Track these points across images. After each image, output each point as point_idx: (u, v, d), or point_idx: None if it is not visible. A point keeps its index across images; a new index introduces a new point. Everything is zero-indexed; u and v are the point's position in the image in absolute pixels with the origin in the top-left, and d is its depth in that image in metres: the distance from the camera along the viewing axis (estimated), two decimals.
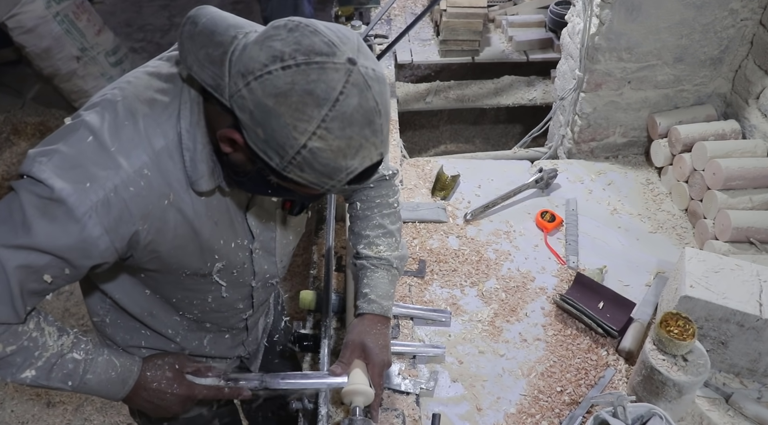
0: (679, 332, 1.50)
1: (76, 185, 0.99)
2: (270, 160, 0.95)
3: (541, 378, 1.70)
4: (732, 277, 1.67)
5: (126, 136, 1.03)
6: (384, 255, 1.48)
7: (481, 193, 2.28)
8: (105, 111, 1.04)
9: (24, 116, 4.26)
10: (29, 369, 1.13)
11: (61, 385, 1.18)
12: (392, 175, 1.53)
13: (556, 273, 2.00)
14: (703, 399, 1.65)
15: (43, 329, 1.15)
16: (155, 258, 1.15)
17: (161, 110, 1.05)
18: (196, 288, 1.29)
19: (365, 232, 1.51)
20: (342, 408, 1.51)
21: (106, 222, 1.02)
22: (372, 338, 1.42)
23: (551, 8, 3.35)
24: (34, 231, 0.99)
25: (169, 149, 1.06)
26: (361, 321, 1.44)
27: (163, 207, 1.08)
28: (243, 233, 1.26)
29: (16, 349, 1.10)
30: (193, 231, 1.15)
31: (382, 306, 1.45)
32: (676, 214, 2.25)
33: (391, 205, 1.53)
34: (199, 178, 1.08)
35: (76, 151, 1.00)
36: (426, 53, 3.37)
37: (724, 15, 2.17)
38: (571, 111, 2.46)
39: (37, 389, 2.87)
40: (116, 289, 1.26)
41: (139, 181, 1.03)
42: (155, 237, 1.10)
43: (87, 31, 3.94)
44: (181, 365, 1.34)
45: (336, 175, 0.96)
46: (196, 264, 1.21)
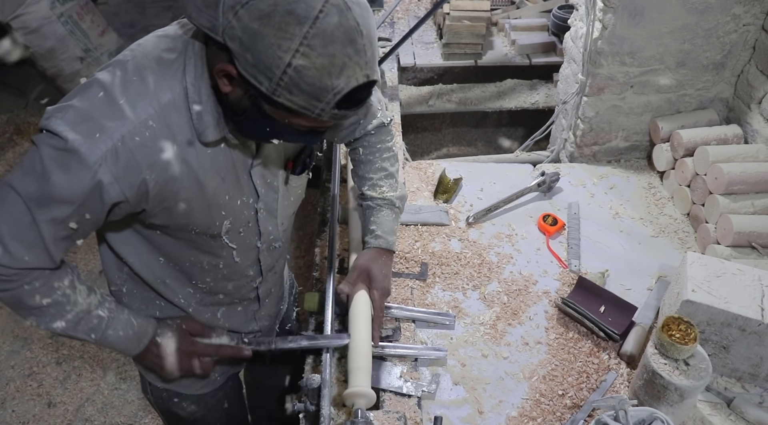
0: (680, 336, 1.50)
1: (87, 136, 1.07)
2: (260, 85, 1.01)
3: (543, 381, 1.70)
4: (734, 282, 1.67)
5: (134, 90, 1.11)
6: (387, 195, 1.65)
7: (483, 196, 2.28)
8: (116, 69, 1.13)
9: (27, 116, 4.28)
10: (60, 321, 1.27)
11: (85, 337, 1.31)
12: (389, 121, 1.66)
13: (558, 277, 2.00)
14: (705, 403, 1.65)
15: (75, 287, 1.28)
16: (165, 210, 1.23)
17: (167, 66, 1.13)
18: (207, 250, 1.37)
19: (369, 175, 1.66)
20: (344, 410, 1.51)
21: (115, 170, 1.10)
22: (377, 266, 1.59)
23: (554, 12, 3.35)
24: (52, 182, 1.09)
25: (176, 102, 1.13)
26: (369, 251, 1.62)
27: (169, 157, 1.16)
28: (249, 191, 1.33)
29: (51, 302, 1.24)
30: (198, 184, 1.22)
31: (388, 241, 1.63)
32: (678, 218, 2.26)
33: (390, 149, 1.67)
34: (206, 129, 1.16)
35: (87, 105, 1.09)
36: (429, 56, 3.38)
37: (727, 20, 2.17)
38: (573, 115, 2.47)
39: (38, 391, 2.88)
40: (132, 255, 1.36)
41: (144, 131, 1.11)
42: (163, 187, 1.18)
43: (91, 32, 3.95)
44: (188, 325, 1.46)
45: (323, 96, 1.01)
46: (204, 222, 1.29)
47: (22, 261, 1.16)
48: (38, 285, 1.21)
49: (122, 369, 2.97)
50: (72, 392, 2.88)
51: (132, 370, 2.96)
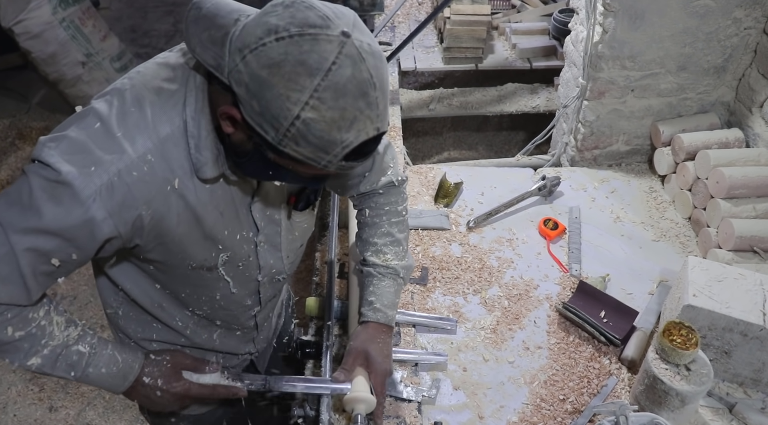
0: (682, 341, 1.49)
1: (82, 169, 1.02)
2: (266, 134, 0.97)
3: (544, 386, 1.70)
4: (735, 286, 1.66)
5: (132, 122, 1.06)
6: (391, 264, 1.49)
7: (483, 201, 2.28)
8: (113, 98, 1.07)
9: (29, 121, 4.28)
10: (35, 357, 1.16)
11: (65, 374, 1.21)
12: (401, 181, 1.53)
13: (558, 281, 1.99)
14: (707, 409, 1.64)
15: (52, 319, 1.18)
16: (160, 245, 1.17)
17: (167, 98, 1.08)
18: (204, 283, 1.30)
19: (373, 239, 1.52)
20: (344, 415, 1.50)
21: (110, 205, 1.05)
22: (375, 347, 1.44)
23: (555, 16, 3.35)
24: (41, 213, 1.03)
25: (175, 136, 1.08)
26: (365, 329, 1.46)
27: (166, 193, 1.10)
28: (248, 225, 1.27)
29: (24, 335, 1.13)
30: (196, 219, 1.16)
31: (387, 316, 1.47)
32: (680, 223, 2.25)
33: (400, 213, 1.53)
34: (203, 165, 1.10)
35: (83, 136, 1.04)
36: (430, 60, 3.38)
37: (728, 24, 2.17)
38: (574, 119, 2.46)
39: (40, 395, 2.87)
40: (127, 281, 1.29)
41: (143, 166, 1.06)
42: (159, 223, 1.12)
43: (92, 37, 3.96)
44: (178, 362, 1.35)
45: (331, 149, 0.97)
46: (201, 255, 1.23)
47: None
48: (10, 317, 1.11)
49: None
50: (73, 396, 2.87)
51: None
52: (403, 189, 1.55)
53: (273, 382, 1.42)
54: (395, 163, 1.53)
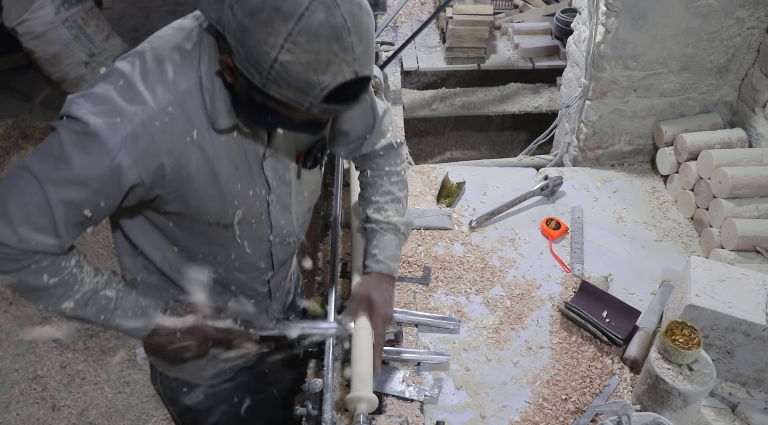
0: (684, 341, 1.49)
1: (108, 120, 1.11)
2: (252, 78, 1.06)
3: (546, 386, 1.70)
4: (738, 286, 1.66)
5: (153, 78, 1.16)
6: (392, 220, 1.61)
7: (486, 200, 2.28)
8: (135, 59, 1.18)
9: (32, 121, 4.29)
10: (68, 301, 1.26)
11: (94, 318, 1.31)
12: (399, 144, 1.65)
13: (561, 281, 1.99)
14: (709, 409, 1.64)
15: (82, 267, 1.28)
16: (180, 197, 1.26)
17: (184, 56, 1.18)
18: (220, 242, 1.39)
19: (375, 198, 1.63)
20: (346, 414, 1.51)
21: (135, 154, 1.13)
22: (378, 293, 1.55)
23: (557, 16, 3.35)
24: (72, 164, 1.11)
25: (192, 91, 1.18)
26: (369, 277, 1.58)
27: (186, 143, 1.20)
28: (261, 183, 1.36)
29: (58, 282, 1.23)
30: (212, 172, 1.26)
31: (389, 267, 1.59)
32: (682, 222, 2.25)
33: (399, 173, 1.65)
34: (218, 116, 1.20)
35: (109, 91, 1.13)
36: (432, 60, 3.38)
37: (731, 23, 2.17)
38: (576, 118, 2.46)
39: (42, 394, 2.88)
40: (147, 243, 1.38)
41: (164, 117, 1.15)
42: (179, 173, 1.21)
43: (95, 37, 3.97)
44: (196, 308, 1.44)
45: (310, 91, 1.04)
46: (216, 210, 1.32)
47: (29, 244, 1.16)
48: (45, 265, 1.20)
49: (126, 373, 2.97)
50: (76, 396, 2.88)
51: (135, 374, 2.96)
52: (401, 151, 1.67)
53: (282, 326, 1.52)
54: (393, 127, 1.65)
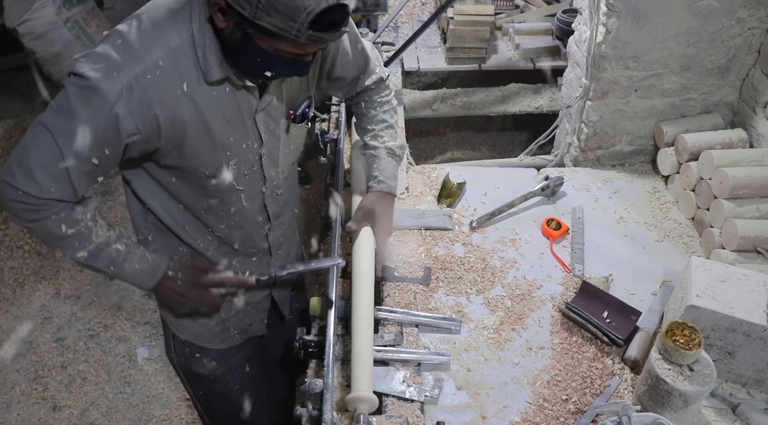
0: (685, 341, 1.49)
1: (106, 74, 1.25)
2: (243, 10, 1.17)
3: (547, 386, 1.70)
4: (739, 287, 1.66)
5: (147, 36, 1.28)
6: (388, 144, 1.81)
7: (486, 201, 2.28)
8: (133, 20, 1.31)
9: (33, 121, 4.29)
10: (83, 251, 1.42)
11: (105, 268, 1.47)
12: (387, 76, 1.83)
13: (561, 282, 1.99)
14: (710, 409, 1.64)
15: (96, 221, 1.44)
16: (176, 148, 1.38)
17: (176, 15, 1.30)
18: (219, 195, 1.52)
19: (370, 126, 1.82)
20: (346, 414, 1.51)
21: (130, 104, 1.26)
22: (380, 207, 1.76)
23: (558, 16, 3.35)
24: (77, 115, 1.26)
25: (184, 47, 1.30)
26: (372, 194, 1.79)
27: (177, 95, 1.31)
28: (253, 136, 1.49)
29: (74, 232, 1.39)
30: (205, 124, 1.37)
31: (389, 186, 1.80)
32: (683, 223, 2.25)
33: (389, 102, 1.84)
34: (210, 68, 1.32)
35: (108, 50, 1.27)
36: (433, 60, 3.38)
37: (732, 24, 2.16)
38: (577, 119, 2.46)
39: (43, 394, 2.88)
40: (154, 201, 1.53)
41: (155, 70, 1.27)
42: (173, 124, 1.33)
43: (97, 37, 3.96)
44: (197, 261, 1.61)
45: (297, 16, 1.16)
46: (211, 162, 1.43)
47: (48, 192, 1.31)
48: (63, 216, 1.36)
49: (127, 374, 2.97)
50: (77, 396, 2.89)
51: (136, 374, 2.97)
52: (389, 82, 1.85)
53: (279, 271, 1.68)
54: (380, 62, 1.82)
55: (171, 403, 2.88)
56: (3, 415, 2.81)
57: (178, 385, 2.92)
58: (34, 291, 3.29)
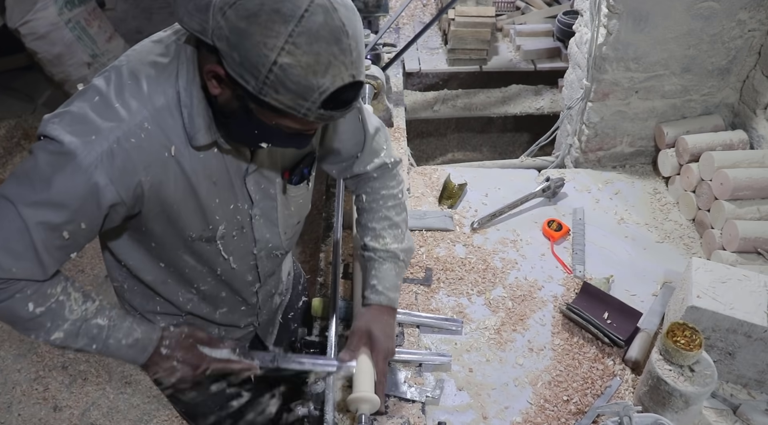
0: (685, 342, 1.49)
1: (83, 138, 1.08)
2: (247, 84, 1.02)
3: (548, 387, 1.70)
4: (739, 288, 1.66)
5: (129, 94, 1.12)
6: (391, 247, 1.53)
7: (488, 202, 2.29)
8: (111, 74, 1.15)
9: (35, 121, 4.30)
10: (57, 331, 1.23)
11: (87, 348, 1.27)
12: (395, 163, 1.58)
13: (562, 282, 2.00)
14: (711, 410, 1.64)
15: (69, 294, 1.24)
16: (161, 213, 1.23)
17: (161, 71, 1.15)
18: (205, 258, 1.37)
19: (371, 224, 1.56)
20: (348, 415, 1.51)
21: (111, 172, 1.11)
22: (378, 327, 1.48)
23: (559, 18, 3.36)
24: (49, 185, 1.09)
25: (169, 106, 1.15)
26: (369, 310, 1.51)
27: (164, 159, 1.17)
28: (242, 197, 1.33)
29: (44, 310, 1.20)
30: (191, 188, 1.23)
31: (389, 298, 1.52)
32: (684, 224, 2.25)
33: (396, 197, 1.57)
34: (197, 132, 1.17)
35: (84, 109, 1.11)
36: (434, 62, 3.38)
37: (732, 26, 2.17)
38: (578, 120, 2.47)
39: (44, 395, 2.89)
40: (132, 259, 1.36)
41: (140, 133, 1.12)
42: (158, 189, 1.19)
43: (98, 38, 3.98)
44: (194, 335, 1.40)
45: (309, 94, 1.01)
46: (198, 225, 1.29)
47: (9, 271, 1.13)
48: (30, 293, 1.18)
49: (128, 374, 2.97)
50: (78, 396, 2.89)
51: (137, 374, 2.96)
52: (398, 171, 1.59)
53: (281, 360, 1.47)
54: (388, 145, 1.57)
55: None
56: (4, 415, 2.81)
57: None
58: None
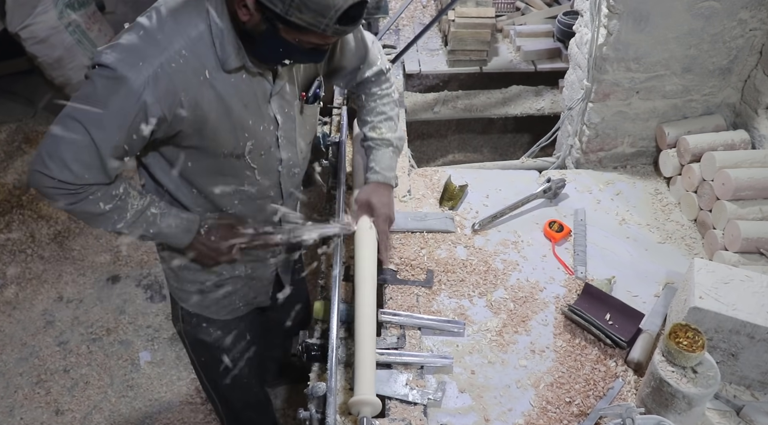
0: (688, 343, 1.49)
1: (132, 65, 1.32)
2: (275, 7, 1.26)
3: (550, 389, 1.69)
4: (742, 288, 1.66)
5: (168, 28, 1.37)
6: (386, 136, 1.84)
7: (489, 203, 2.28)
8: (152, 13, 1.39)
9: (35, 125, 4.31)
10: (122, 222, 1.53)
11: (144, 232, 1.57)
12: (388, 69, 1.88)
13: (564, 284, 1.99)
14: (714, 411, 1.63)
15: (129, 192, 1.53)
16: (197, 132, 1.46)
17: (194, 7, 1.39)
18: (234, 173, 1.61)
19: (369, 118, 1.86)
20: (349, 417, 1.51)
21: (157, 92, 1.34)
22: (377, 196, 1.79)
23: (559, 18, 3.35)
24: (107, 106, 1.33)
25: (202, 37, 1.38)
26: (369, 186, 1.82)
27: (200, 81, 1.40)
28: (269, 120, 1.58)
29: (112, 207, 1.49)
30: (225, 108, 1.46)
31: (386, 176, 1.83)
32: (685, 225, 2.24)
33: (390, 95, 1.88)
34: (228, 57, 1.41)
35: (131, 41, 1.35)
36: (434, 63, 3.38)
37: (733, 25, 2.16)
38: (579, 121, 2.46)
39: (46, 398, 2.89)
40: (170, 183, 1.62)
41: (179, 59, 1.36)
42: (195, 109, 1.42)
43: (98, 41, 3.97)
44: (228, 220, 1.71)
45: (327, 12, 1.26)
46: (230, 142, 1.53)
47: (83, 178, 1.40)
48: (100, 195, 1.46)
49: (129, 377, 2.97)
50: (79, 400, 2.89)
51: (139, 378, 2.96)
52: (390, 75, 1.89)
53: (294, 231, 1.77)
54: (382, 55, 1.87)
55: (174, 407, 2.87)
56: (6, 419, 2.81)
57: (181, 389, 2.92)
58: (36, 295, 3.30)
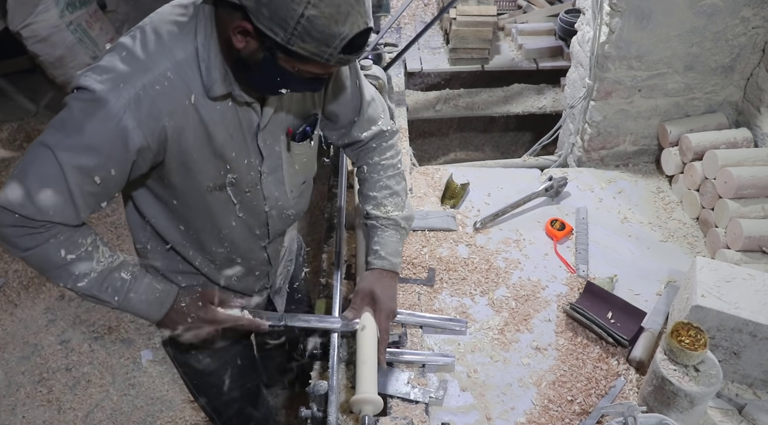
0: (690, 342, 1.48)
1: (113, 86, 1.21)
2: (276, 36, 1.14)
3: (552, 387, 1.69)
4: (744, 287, 1.65)
5: (152, 48, 1.25)
6: (392, 215, 1.64)
7: (490, 202, 2.28)
8: (137, 32, 1.28)
9: (37, 124, 4.31)
10: (84, 280, 1.34)
11: (109, 299, 1.39)
12: (392, 132, 1.68)
13: (566, 282, 1.99)
14: (716, 410, 1.63)
15: (98, 246, 1.36)
16: (181, 164, 1.34)
17: (181, 28, 1.27)
18: (218, 210, 1.46)
19: (372, 194, 1.66)
20: (351, 416, 1.50)
21: (138, 116, 1.22)
22: (381, 288, 1.58)
23: (561, 16, 3.35)
24: (82, 130, 1.21)
25: (188, 60, 1.27)
26: (372, 274, 1.61)
27: (185, 106, 1.28)
28: (254, 153, 1.44)
29: (74, 258, 1.32)
30: (208, 136, 1.34)
31: (391, 262, 1.62)
32: (687, 223, 2.24)
33: (395, 166, 1.68)
34: (213, 84, 1.29)
35: (113, 62, 1.24)
36: (436, 61, 3.38)
37: (735, 23, 2.16)
38: (581, 119, 2.46)
39: (48, 397, 2.89)
40: (155, 216, 1.47)
41: (164, 81, 1.24)
42: (179, 136, 1.30)
43: (99, 40, 3.98)
44: (209, 295, 1.52)
45: (332, 41, 1.15)
46: (212, 172, 1.39)
47: (47, 213, 1.24)
48: (62, 239, 1.29)
49: (131, 376, 2.97)
50: (81, 398, 2.89)
51: (141, 376, 2.97)
52: (396, 142, 1.70)
53: (288, 319, 1.59)
54: (386, 114, 1.68)
55: (175, 405, 2.88)
56: (8, 417, 2.81)
57: (183, 387, 2.91)
58: (38, 294, 3.30)
